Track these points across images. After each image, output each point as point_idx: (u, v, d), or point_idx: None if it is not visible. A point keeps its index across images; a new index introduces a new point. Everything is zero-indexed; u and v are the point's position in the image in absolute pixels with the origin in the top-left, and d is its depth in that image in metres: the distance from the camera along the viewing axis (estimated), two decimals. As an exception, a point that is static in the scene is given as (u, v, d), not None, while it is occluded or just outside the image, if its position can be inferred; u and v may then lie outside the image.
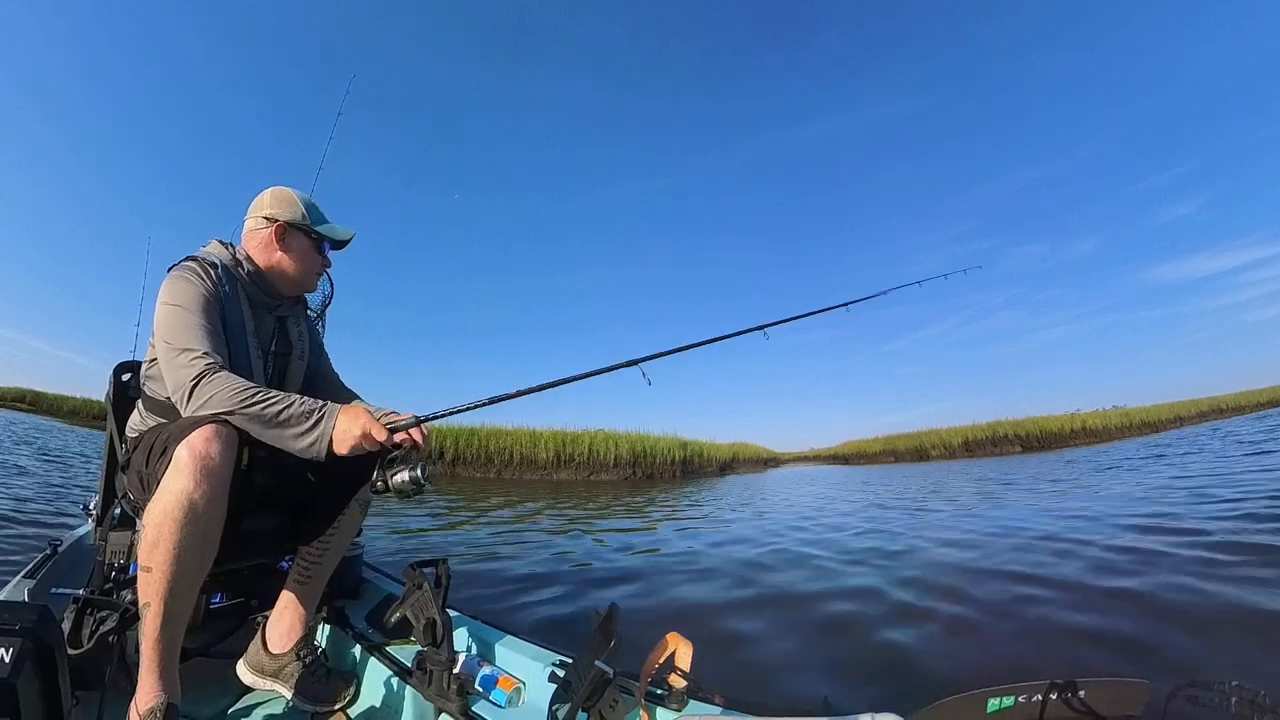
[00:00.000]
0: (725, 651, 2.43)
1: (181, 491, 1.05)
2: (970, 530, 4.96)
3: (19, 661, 0.87)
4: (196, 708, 1.42)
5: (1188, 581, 2.76)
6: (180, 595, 1.09)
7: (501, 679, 1.40)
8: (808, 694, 2.03)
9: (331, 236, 1.50)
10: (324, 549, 1.52)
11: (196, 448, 1.07)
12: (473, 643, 1.57)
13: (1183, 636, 2.16)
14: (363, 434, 1.16)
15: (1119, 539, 3.87)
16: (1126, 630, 2.31)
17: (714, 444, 26.67)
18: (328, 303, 1.73)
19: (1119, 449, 16.44)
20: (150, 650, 1.08)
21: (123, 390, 1.58)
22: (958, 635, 2.48)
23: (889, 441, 33.06)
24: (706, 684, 1.21)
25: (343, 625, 1.74)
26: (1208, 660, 1.96)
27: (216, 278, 1.34)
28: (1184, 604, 2.49)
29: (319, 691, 1.44)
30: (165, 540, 1.05)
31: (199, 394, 1.15)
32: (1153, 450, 13.15)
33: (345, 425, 1.16)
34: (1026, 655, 2.24)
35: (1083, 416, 27.60)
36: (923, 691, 1.92)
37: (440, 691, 1.32)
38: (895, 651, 2.35)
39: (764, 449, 35.14)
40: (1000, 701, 0.82)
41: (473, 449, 19.55)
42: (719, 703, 1.18)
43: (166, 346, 1.23)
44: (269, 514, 1.51)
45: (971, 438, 28.25)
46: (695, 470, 23.26)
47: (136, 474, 1.26)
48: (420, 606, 1.46)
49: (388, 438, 1.19)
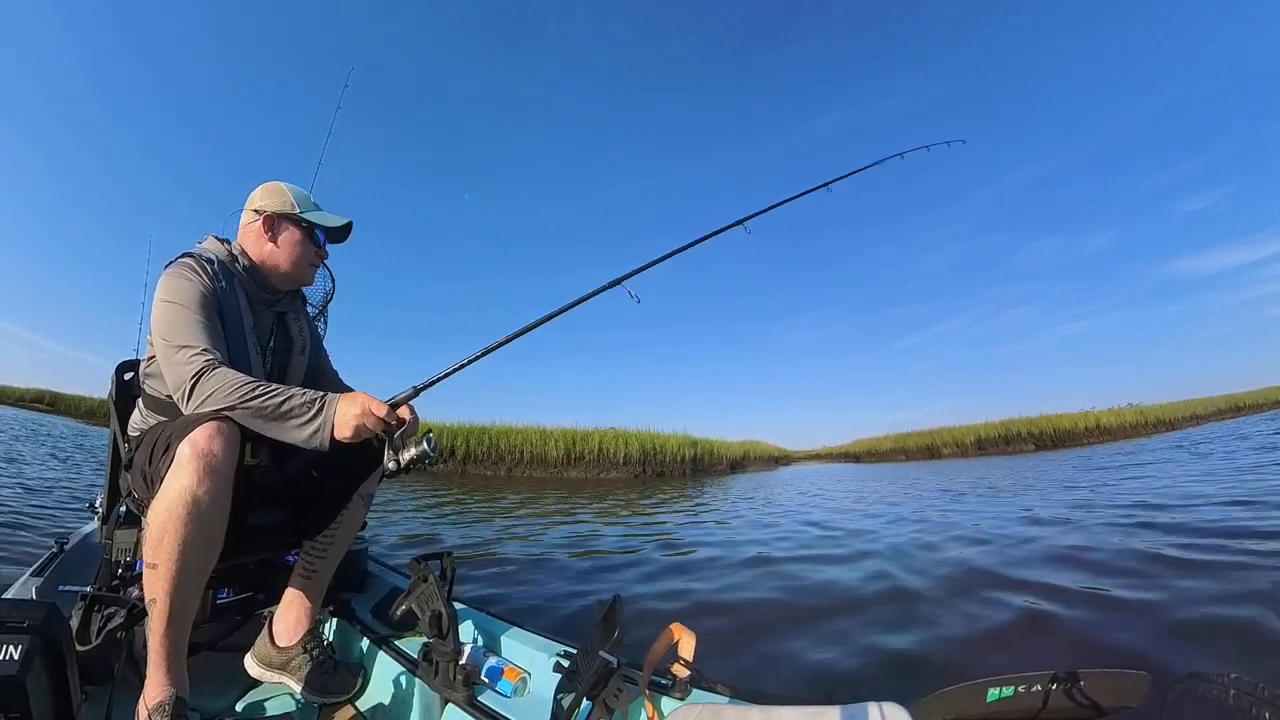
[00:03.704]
0: (728, 642, 2.43)
1: (185, 488, 1.05)
2: (985, 524, 4.92)
3: (28, 658, 0.88)
4: (205, 701, 1.43)
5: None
6: (186, 591, 1.09)
7: (507, 669, 1.40)
8: (810, 683, 2.03)
9: (322, 224, 1.48)
10: (329, 543, 1.54)
11: (199, 444, 1.07)
12: (478, 634, 1.58)
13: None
14: (363, 413, 1.15)
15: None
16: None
17: (725, 442, 26.60)
18: (329, 299, 1.72)
19: (1139, 446, 16.20)
20: (157, 645, 1.09)
21: (125, 388, 1.58)
22: (972, 627, 2.47)
23: (900, 439, 32.78)
24: (710, 674, 1.21)
25: (349, 618, 1.76)
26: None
27: (213, 273, 1.33)
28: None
29: (326, 684, 1.46)
30: (169, 537, 1.05)
31: (199, 391, 1.15)
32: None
33: (345, 409, 1.16)
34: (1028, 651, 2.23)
35: (1098, 415, 27.22)
36: (924, 681, 1.91)
37: (446, 682, 1.33)
38: (899, 642, 2.33)
39: (775, 447, 35.02)
40: (1000, 691, 0.82)
41: (483, 447, 19.64)
42: (722, 692, 1.18)
43: (165, 344, 1.23)
44: (273, 509, 1.52)
45: (984, 436, 27.94)
46: (705, 468, 23.21)
47: (140, 472, 1.25)
48: (426, 599, 1.48)
49: (389, 413, 1.18)
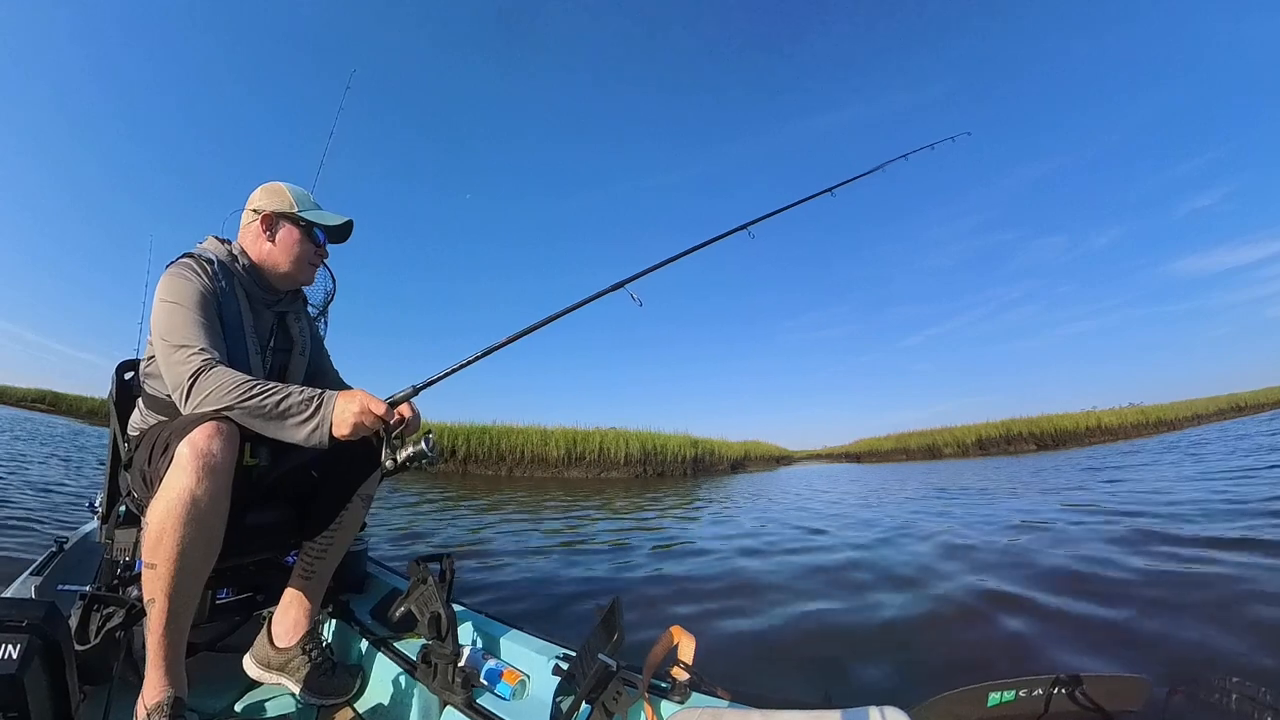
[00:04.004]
0: (728, 645, 2.42)
1: (184, 488, 1.05)
2: (984, 523, 4.92)
3: (27, 657, 0.88)
4: (203, 701, 1.43)
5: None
6: (185, 591, 1.10)
7: (506, 672, 1.40)
8: (811, 687, 2.02)
9: (320, 222, 1.48)
10: (328, 543, 1.53)
11: (198, 445, 1.07)
12: (477, 636, 1.58)
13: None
14: (361, 410, 1.14)
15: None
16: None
17: (726, 442, 26.60)
18: (330, 300, 1.72)
19: (1138, 446, 16.18)
20: (156, 645, 1.09)
21: (125, 388, 1.59)
22: (969, 628, 2.46)
23: (901, 439, 32.76)
24: (709, 677, 1.21)
25: (348, 619, 1.75)
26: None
27: (213, 273, 1.33)
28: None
29: (325, 685, 1.45)
30: (169, 537, 1.05)
31: (197, 390, 1.15)
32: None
33: (344, 406, 1.15)
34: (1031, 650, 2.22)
35: (1099, 414, 27.17)
36: (926, 685, 1.91)
37: (445, 684, 1.33)
38: (900, 645, 2.33)
39: (776, 447, 34.99)
40: (1001, 695, 0.81)
41: (484, 447, 19.65)
42: (722, 696, 1.18)
43: (164, 344, 1.23)
44: (273, 509, 1.52)
45: (985, 436, 27.92)
46: (706, 468, 23.23)
47: (139, 472, 1.25)
48: (425, 600, 1.47)
49: (387, 411, 1.18)
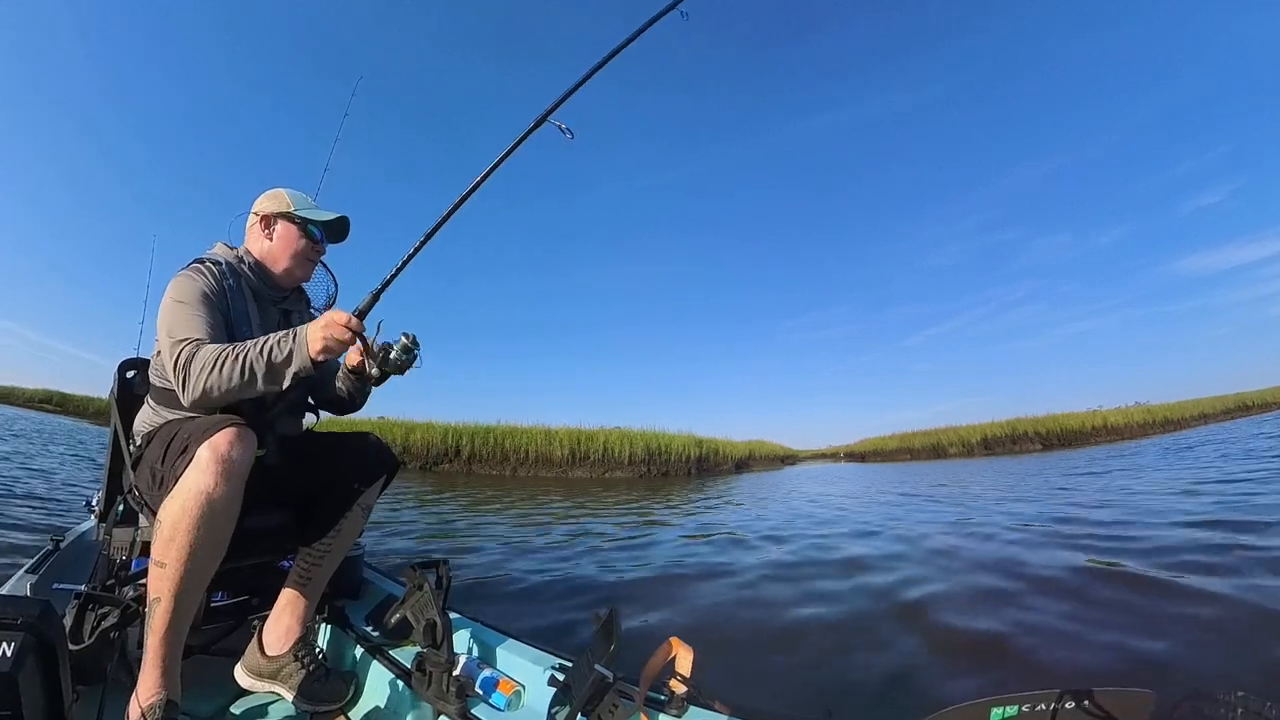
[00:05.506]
0: (726, 656, 2.40)
1: (202, 490, 1.08)
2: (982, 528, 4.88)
3: (20, 656, 0.88)
4: (196, 705, 1.42)
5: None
6: (190, 591, 1.12)
7: (501, 682, 1.39)
8: (810, 702, 2.00)
9: (314, 219, 1.54)
10: (325, 550, 1.53)
11: (219, 448, 1.11)
12: (473, 644, 1.56)
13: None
14: (327, 324, 1.20)
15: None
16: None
17: (730, 441, 26.55)
18: (332, 301, 1.74)
19: (1140, 447, 16.09)
20: (156, 645, 1.10)
21: (127, 387, 1.60)
22: (976, 643, 2.43)
23: (905, 439, 32.65)
24: (707, 690, 1.19)
25: (343, 626, 1.74)
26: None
27: (219, 274, 1.40)
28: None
29: (318, 692, 1.44)
30: (181, 536, 1.08)
31: (191, 370, 1.20)
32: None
33: (313, 328, 1.21)
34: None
35: (1104, 414, 27.01)
36: (929, 700, 1.88)
37: (440, 693, 1.32)
38: (900, 660, 2.31)
39: (781, 446, 34.89)
40: (1004, 710, 0.80)
41: (488, 447, 19.69)
42: (720, 710, 1.16)
43: (168, 340, 1.28)
44: (273, 513, 1.52)
45: (990, 435, 27.79)
46: (710, 468, 23.19)
47: (149, 469, 1.27)
48: (420, 608, 1.46)
49: (353, 321, 1.22)
